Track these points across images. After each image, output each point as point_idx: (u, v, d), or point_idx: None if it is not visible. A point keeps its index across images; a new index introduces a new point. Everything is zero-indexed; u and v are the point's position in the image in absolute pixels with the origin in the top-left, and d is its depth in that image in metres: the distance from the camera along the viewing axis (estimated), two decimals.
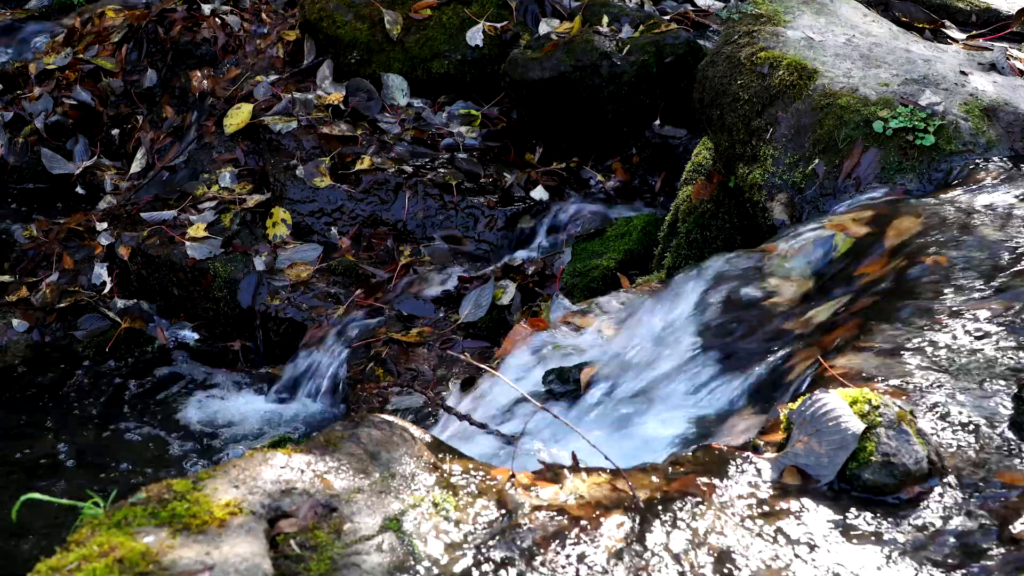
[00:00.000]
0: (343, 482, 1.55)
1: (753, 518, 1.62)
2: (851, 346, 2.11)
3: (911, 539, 1.59)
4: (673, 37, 4.43)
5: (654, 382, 2.49)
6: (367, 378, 3.68)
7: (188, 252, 4.24)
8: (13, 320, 4.17)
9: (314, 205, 4.38)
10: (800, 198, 2.90)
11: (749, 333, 2.47)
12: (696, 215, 3.49)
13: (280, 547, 1.42)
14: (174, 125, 4.98)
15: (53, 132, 5.10)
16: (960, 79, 3.08)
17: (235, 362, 4.15)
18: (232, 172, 4.64)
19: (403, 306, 3.98)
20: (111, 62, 5.26)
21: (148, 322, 4.23)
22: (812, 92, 3.01)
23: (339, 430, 1.67)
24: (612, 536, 1.55)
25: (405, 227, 4.33)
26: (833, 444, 1.69)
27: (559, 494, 1.63)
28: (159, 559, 1.34)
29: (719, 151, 3.28)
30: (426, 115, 4.73)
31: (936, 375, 1.95)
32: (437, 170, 4.44)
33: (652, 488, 1.67)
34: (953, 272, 2.28)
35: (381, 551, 1.45)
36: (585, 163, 4.51)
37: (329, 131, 4.56)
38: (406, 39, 4.81)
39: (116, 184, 4.88)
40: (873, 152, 2.85)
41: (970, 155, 2.82)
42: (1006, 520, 1.60)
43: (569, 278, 3.92)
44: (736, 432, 2.13)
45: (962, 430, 1.80)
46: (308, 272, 4.18)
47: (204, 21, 5.25)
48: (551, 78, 4.37)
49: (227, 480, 1.50)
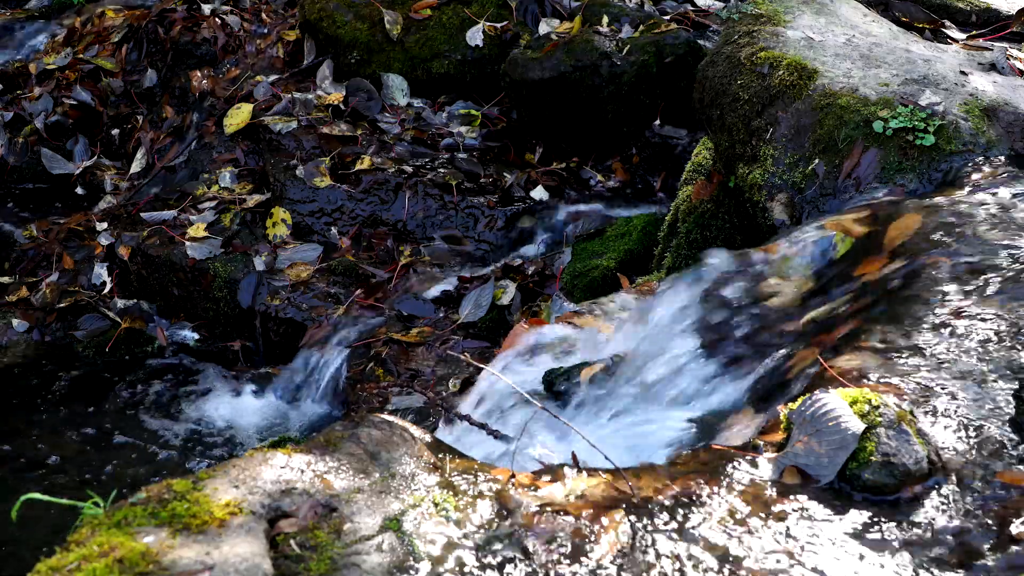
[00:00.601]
0: (343, 482, 1.55)
1: (753, 518, 1.62)
2: (851, 346, 2.11)
3: (911, 539, 1.59)
4: (673, 37, 4.43)
5: (654, 382, 2.49)
6: (367, 378, 3.68)
7: (188, 252, 4.24)
8: (13, 320, 4.17)
9: (314, 205, 4.38)
10: (800, 198, 2.90)
11: (749, 333, 2.47)
12: (696, 215, 3.49)
13: (280, 547, 1.42)
14: (174, 125, 4.98)
15: (53, 132, 5.10)
16: (960, 79, 3.08)
17: (235, 362, 4.15)
18: (232, 172, 4.64)
19: (403, 306, 3.98)
20: (111, 62, 5.26)
21: (148, 322, 4.23)
22: (812, 92, 3.01)
23: (339, 430, 1.67)
24: (612, 536, 1.55)
25: (405, 227, 4.33)
26: (833, 444, 1.69)
27: (559, 494, 1.63)
28: (159, 559, 1.34)
29: (719, 151, 3.28)
30: (426, 115, 4.73)
31: (936, 375, 1.95)
32: (437, 170, 4.44)
33: (652, 488, 1.67)
34: (953, 272, 2.28)
35: (381, 551, 1.45)
36: (585, 163, 4.51)
37: (329, 131, 4.56)
38: (406, 39, 4.81)
39: (116, 184, 4.88)
40: (873, 152, 2.85)
41: (970, 155, 2.82)
42: (1006, 520, 1.60)
43: (569, 278, 3.92)
44: (736, 432, 2.13)
45: (962, 430, 1.80)
46: (308, 272, 4.18)
47: (204, 21, 5.25)
48: (551, 78, 4.37)
49: (227, 480, 1.50)
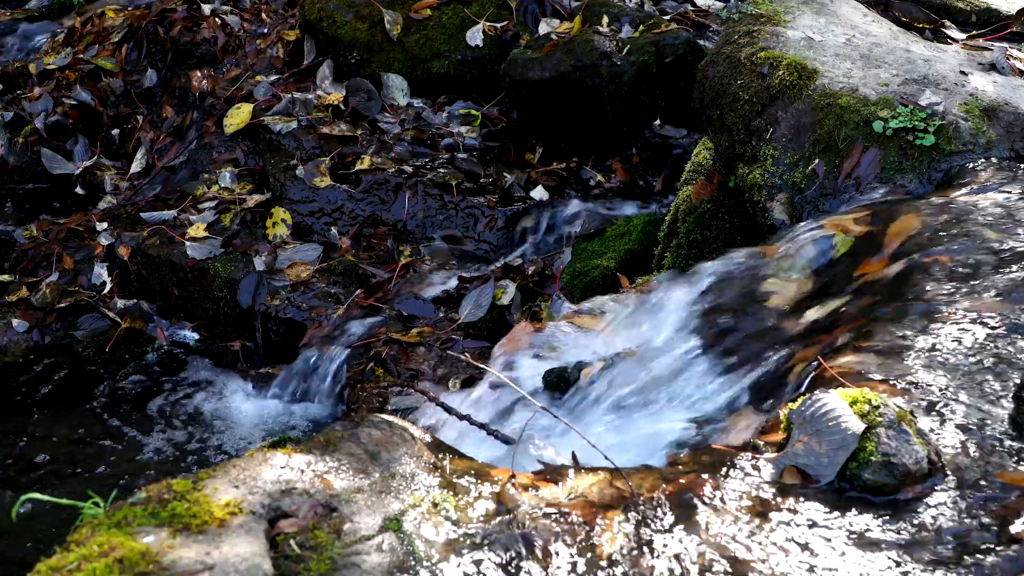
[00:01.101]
0: (343, 482, 1.55)
1: (753, 518, 1.62)
2: (851, 346, 2.11)
3: (911, 539, 1.59)
4: (673, 37, 4.43)
5: (654, 382, 2.49)
6: (367, 378, 3.68)
7: (188, 252, 4.24)
8: (13, 320, 4.17)
9: (314, 205, 4.38)
10: (800, 198, 2.90)
11: (749, 333, 2.47)
12: (696, 215, 3.49)
13: (280, 547, 1.42)
14: (174, 125, 4.98)
15: (53, 132, 5.10)
16: (960, 79, 3.08)
17: (235, 362, 4.15)
18: (232, 172, 4.64)
19: (403, 306, 3.98)
20: (111, 62, 5.26)
21: (148, 322, 4.23)
22: (812, 92, 3.01)
23: (339, 430, 1.67)
24: (612, 536, 1.55)
25: (405, 227, 4.33)
26: (833, 444, 1.69)
27: (559, 494, 1.63)
28: (159, 559, 1.34)
29: (719, 151, 3.28)
30: (426, 115, 4.73)
31: (936, 375, 1.95)
32: (437, 170, 4.44)
33: (652, 488, 1.67)
34: (953, 272, 2.28)
35: (381, 551, 1.45)
36: (585, 163, 4.51)
37: (329, 131, 4.56)
38: (406, 39, 4.81)
39: (116, 184, 4.88)
40: (873, 152, 2.85)
41: (970, 155, 2.82)
42: (1006, 520, 1.60)
43: (569, 278, 3.92)
44: (736, 432, 2.13)
45: (962, 430, 1.80)
46: (308, 272, 4.18)
47: (204, 21, 5.25)
48: (551, 78, 4.37)
49: (227, 480, 1.50)
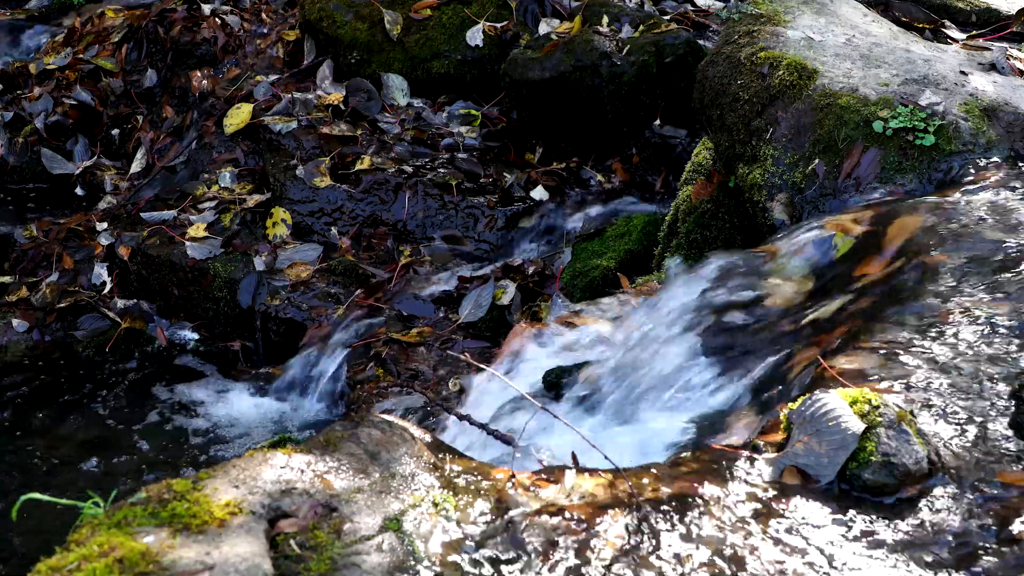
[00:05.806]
0: (343, 482, 1.55)
1: (753, 518, 1.62)
2: (851, 346, 2.11)
3: (911, 539, 1.59)
4: (673, 37, 4.42)
5: (654, 382, 2.49)
6: (367, 378, 3.68)
7: (188, 252, 4.24)
8: (13, 320, 4.17)
9: (314, 205, 4.38)
10: (800, 198, 2.90)
11: (749, 333, 2.47)
12: (696, 215, 3.49)
13: (280, 547, 1.42)
14: (174, 125, 4.98)
15: (53, 132, 5.10)
16: (960, 79, 3.08)
17: (235, 362, 4.15)
18: (232, 172, 4.64)
19: (403, 306, 3.98)
20: (111, 62, 5.26)
21: (148, 322, 4.23)
22: (812, 92, 3.01)
23: (339, 430, 1.67)
24: (612, 536, 1.55)
25: (405, 227, 4.33)
26: (833, 444, 1.69)
27: (559, 494, 1.63)
28: (159, 559, 1.34)
29: (719, 151, 3.28)
30: (426, 115, 4.73)
31: (936, 375, 1.95)
32: (437, 170, 4.44)
33: (652, 488, 1.67)
34: (953, 272, 2.28)
35: (381, 551, 1.45)
36: (585, 163, 4.51)
37: (329, 131, 4.56)
38: (406, 39, 4.81)
39: (116, 184, 4.88)
40: (873, 152, 2.85)
41: (970, 155, 2.82)
42: (1006, 520, 1.60)
43: (569, 278, 3.92)
44: (736, 432, 2.13)
45: (962, 430, 1.80)
46: (308, 272, 4.18)
47: (204, 21, 5.25)
48: (551, 78, 4.36)
49: (227, 480, 1.50)
